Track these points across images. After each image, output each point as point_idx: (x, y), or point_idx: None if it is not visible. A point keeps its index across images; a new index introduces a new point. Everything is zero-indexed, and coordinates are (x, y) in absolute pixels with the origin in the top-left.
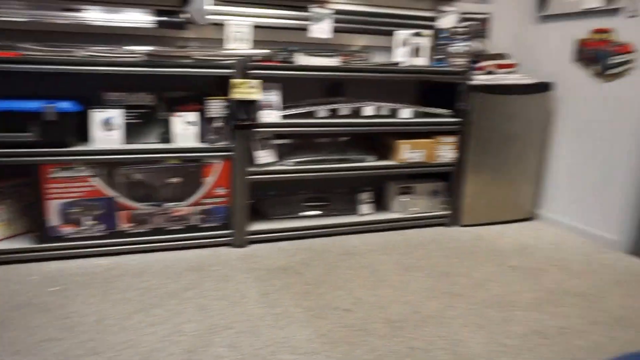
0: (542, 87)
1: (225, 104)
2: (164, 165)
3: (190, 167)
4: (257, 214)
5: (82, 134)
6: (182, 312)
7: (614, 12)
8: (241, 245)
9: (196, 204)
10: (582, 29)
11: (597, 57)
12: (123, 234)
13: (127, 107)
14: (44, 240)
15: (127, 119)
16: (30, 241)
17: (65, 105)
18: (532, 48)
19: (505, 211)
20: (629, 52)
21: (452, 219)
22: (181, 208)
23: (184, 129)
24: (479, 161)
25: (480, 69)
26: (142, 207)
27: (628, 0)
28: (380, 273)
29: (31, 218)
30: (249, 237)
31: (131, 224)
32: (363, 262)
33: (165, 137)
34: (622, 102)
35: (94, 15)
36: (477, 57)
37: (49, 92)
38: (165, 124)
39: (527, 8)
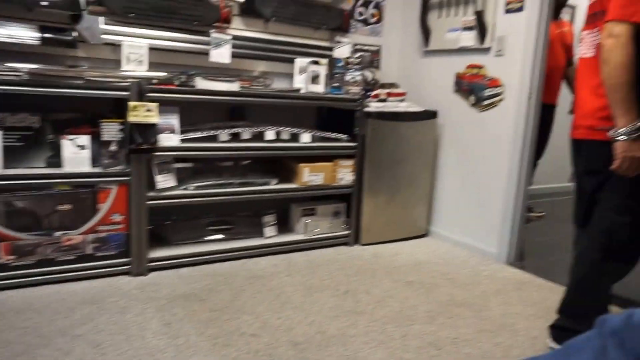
0: (429, 115)
1: (121, 127)
2: (51, 191)
3: (82, 193)
4: (158, 240)
5: None
6: (73, 351)
7: (485, 50)
8: (141, 273)
9: (90, 231)
10: (460, 64)
11: (473, 89)
12: (2, 268)
13: (7, 129)
14: None
15: (6, 142)
16: None
17: None
18: (418, 79)
19: (401, 229)
20: (498, 86)
21: (353, 238)
22: (73, 237)
23: (75, 153)
24: (376, 183)
25: (373, 96)
26: (26, 238)
27: (495, 42)
28: (286, 295)
29: None
30: (149, 264)
31: (13, 257)
32: (269, 284)
33: (54, 162)
34: (495, 129)
35: None
36: (370, 85)
37: None
38: (54, 147)
39: (413, 43)
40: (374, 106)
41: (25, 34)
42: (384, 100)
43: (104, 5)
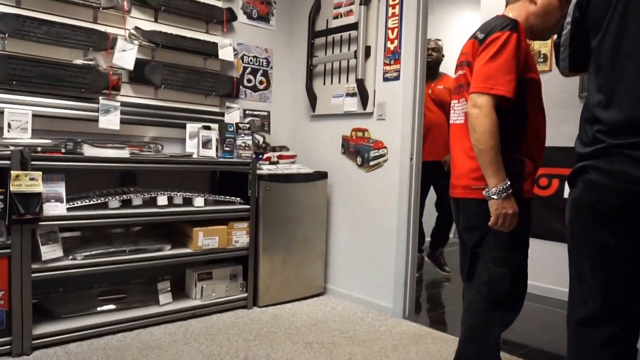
0: (320, 176)
1: (1, 197)
2: None
3: None
4: (44, 314)
5: None
6: None
7: (368, 115)
8: (23, 353)
9: None
10: (346, 127)
11: (359, 151)
12: None
13: None
14: None
15: None
16: None
17: None
18: (308, 141)
19: (299, 288)
20: (382, 148)
21: (251, 301)
22: None
23: None
24: (271, 244)
25: (265, 159)
26: None
27: (376, 107)
28: None
29: None
30: (33, 342)
31: None
32: (165, 356)
33: None
34: (381, 188)
35: None
36: (261, 149)
37: None
38: None
39: (300, 107)
40: (266, 169)
41: None
42: (275, 163)
43: None
